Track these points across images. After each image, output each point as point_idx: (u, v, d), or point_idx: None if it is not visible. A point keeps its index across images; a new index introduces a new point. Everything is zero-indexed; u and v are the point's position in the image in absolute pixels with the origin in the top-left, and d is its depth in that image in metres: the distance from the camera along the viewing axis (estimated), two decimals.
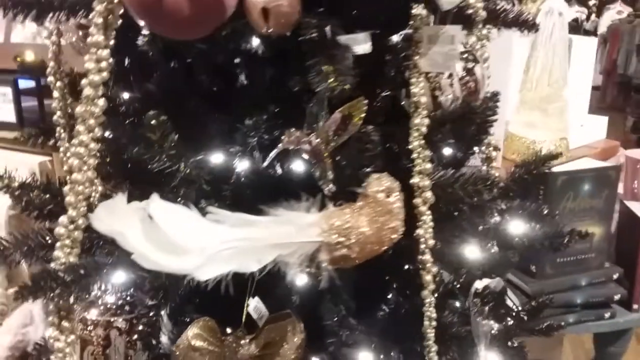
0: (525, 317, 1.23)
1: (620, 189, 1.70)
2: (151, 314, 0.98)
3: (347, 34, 0.81)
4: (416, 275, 0.89)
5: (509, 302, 1.43)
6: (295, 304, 0.87)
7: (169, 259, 0.67)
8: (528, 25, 1.04)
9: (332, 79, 0.69)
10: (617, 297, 1.44)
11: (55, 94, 0.98)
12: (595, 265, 1.45)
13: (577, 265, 1.42)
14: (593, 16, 7.59)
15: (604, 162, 1.49)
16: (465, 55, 0.94)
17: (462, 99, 0.91)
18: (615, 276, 1.46)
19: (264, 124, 0.82)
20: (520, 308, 1.25)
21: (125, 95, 0.94)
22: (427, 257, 0.84)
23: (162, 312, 0.95)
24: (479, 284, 0.94)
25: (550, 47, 1.37)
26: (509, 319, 1.23)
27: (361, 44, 0.76)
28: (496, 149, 1.18)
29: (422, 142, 0.81)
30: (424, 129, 0.81)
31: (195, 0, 0.70)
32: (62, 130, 1.00)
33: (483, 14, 0.98)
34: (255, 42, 0.84)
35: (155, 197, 0.70)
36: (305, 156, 0.78)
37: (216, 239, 0.66)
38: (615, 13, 7.22)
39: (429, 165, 0.82)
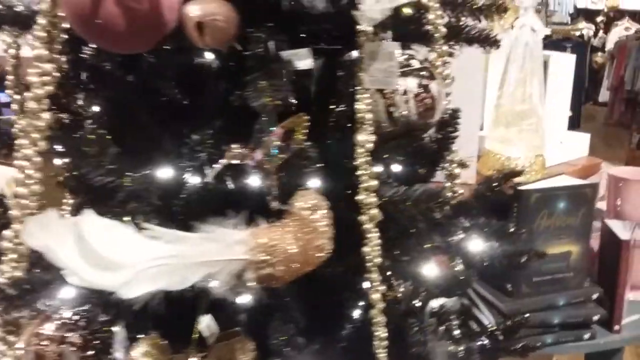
0: (501, 337, 1.22)
1: (604, 206, 1.68)
2: (105, 329, 0.97)
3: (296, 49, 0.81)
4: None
5: (485, 321, 1.41)
6: (244, 321, 0.86)
7: (97, 275, 0.66)
8: (490, 41, 1.03)
9: (266, 95, 0.68)
10: (596, 317, 1.40)
11: (14, 107, 0.99)
12: (574, 284, 1.42)
13: (554, 284, 1.39)
14: (601, 32, 7.58)
15: (582, 179, 1.46)
16: (423, 72, 0.93)
17: (416, 115, 0.90)
18: (594, 296, 1.43)
19: (210, 138, 0.82)
20: (494, 327, 1.23)
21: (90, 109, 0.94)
22: (375, 275, 0.82)
23: (116, 328, 0.94)
24: (434, 303, 0.92)
25: (523, 63, 1.36)
26: (482, 338, 1.21)
27: (303, 59, 0.75)
28: (463, 165, 1.17)
29: (368, 158, 0.80)
30: (369, 145, 0.80)
31: (131, 13, 0.70)
32: None
33: (443, 30, 0.98)
34: (206, 56, 0.84)
35: (88, 212, 0.70)
36: (252, 172, 0.78)
37: (145, 255, 0.65)
38: (623, 29, 7.21)
39: (374, 182, 0.81)
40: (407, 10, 0.85)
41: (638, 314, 1.53)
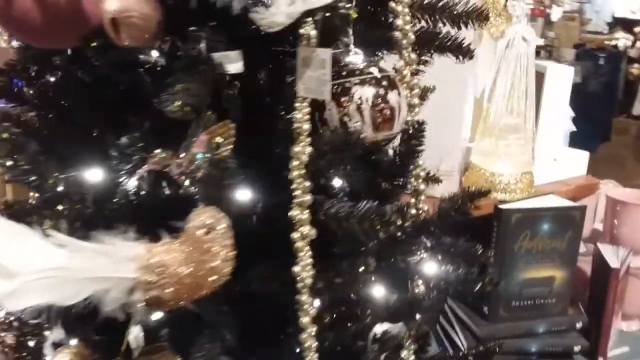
0: None
1: (601, 228, 1.59)
2: (37, 333, 0.94)
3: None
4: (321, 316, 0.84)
5: (458, 343, 1.35)
6: (171, 336, 0.81)
7: None
8: (462, 51, 0.97)
9: (178, 99, 0.64)
10: (577, 348, 1.32)
11: None
12: (556, 311, 1.34)
13: (534, 310, 1.32)
14: (638, 43, 7.35)
15: (574, 200, 1.38)
16: (383, 82, 0.86)
17: (371, 127, 0.84)
18: (578, 325, 1.35)
19: (140, 142, 0.77)
20: (467, 351, 1.17)
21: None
22: (305, 297, 0.77)
23: (47, 333, 0.91)
24: (378, 329, 0.86)
25: (514, 74, 1.28)
26: None
27: (233, 63, 0.70)
28: (432, 180, 1.10)
29: (303, 172, 0.75)
30: (304, 158, 0.74)
31: (48, 6, 0.66)
32: None
33: (411, 37, 0.91)
34: (147, 53, 0.79)
35: None
36: (175, 180, 0.73)
37: (38, 265, 0.61)
38: None
39: (308, 197, 0.75)
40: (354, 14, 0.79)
41: (628, 346, 1.44)
